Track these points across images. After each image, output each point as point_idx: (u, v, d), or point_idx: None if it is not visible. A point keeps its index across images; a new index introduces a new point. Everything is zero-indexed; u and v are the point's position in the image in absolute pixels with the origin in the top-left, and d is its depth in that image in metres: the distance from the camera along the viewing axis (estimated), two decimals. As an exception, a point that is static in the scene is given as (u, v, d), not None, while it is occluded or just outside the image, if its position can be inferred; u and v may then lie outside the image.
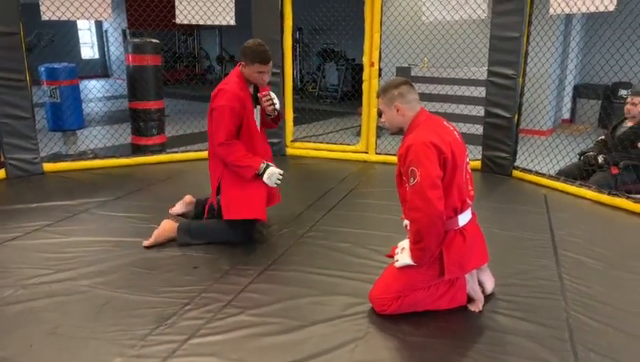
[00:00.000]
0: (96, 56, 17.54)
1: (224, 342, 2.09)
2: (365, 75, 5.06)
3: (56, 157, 4.90)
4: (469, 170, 2.27)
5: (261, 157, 3.00)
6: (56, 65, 4.91)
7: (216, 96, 2.92)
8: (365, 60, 5.01)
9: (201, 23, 4.91)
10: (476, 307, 2.30)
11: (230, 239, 3.03)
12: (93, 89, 12.00)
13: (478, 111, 5.48)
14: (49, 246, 2.99)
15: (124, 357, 1.97)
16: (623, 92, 8.35)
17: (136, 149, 5.17)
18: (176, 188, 4.19)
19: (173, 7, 4.87)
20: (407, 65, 7.20)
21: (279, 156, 5.26)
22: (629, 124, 4.15)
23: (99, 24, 17.08)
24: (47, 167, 4.51)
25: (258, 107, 3.05)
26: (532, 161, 4.81)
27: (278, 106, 3.08)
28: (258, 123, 3.09)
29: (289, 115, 5.31)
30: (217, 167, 3.02)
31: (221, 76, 15.16)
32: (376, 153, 5.17)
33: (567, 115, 9.29)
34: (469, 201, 2.19)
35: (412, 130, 2.20)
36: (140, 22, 9.18)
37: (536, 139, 7.37)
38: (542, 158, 4.84)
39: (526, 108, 7.21)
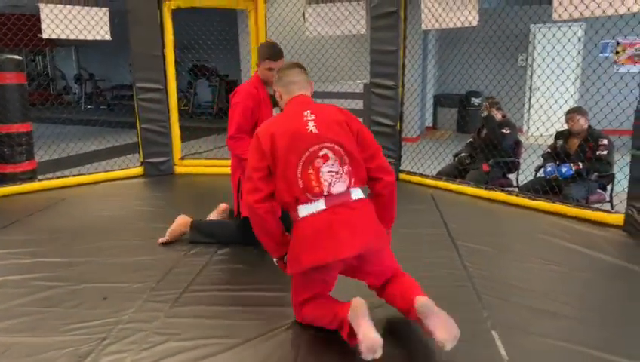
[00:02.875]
0: None
1: (158, 372, 1.94)
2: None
3: None
4: (333, 164, 1.99)
5: None
6: None
7: (233, 97, 3.07)
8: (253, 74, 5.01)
9: (72, 37, 4.54)
10: (366, 353, 1.80)
11: (240, 240, 3.10)
12: None
13: (362, 121, 5.76)
14: None
15: (44, 406, 1.74)
16: (475, 100, 9.40)
17: (2, 178, 4.58)
18: (58, 216, 3.81)
19: (14, 23, 4.53)
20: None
21: (168, 175, 5.04)
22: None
23: None
24: None
25: (277, 108, 3.00)
26: (409, 164, 5.18)
27: None
28: None
29: (176, 132, 5.11)
30: (237, 170, 3.14)
31: (81, 96, 14.08)
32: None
33: (430, 123, 10.19)
34: (309, 195, 1.97)
35: None
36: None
37: (408, 146, 7.98)
38: (416, 162, 5.24)
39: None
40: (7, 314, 2.35)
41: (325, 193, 1.97)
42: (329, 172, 1.97)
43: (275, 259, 2.21)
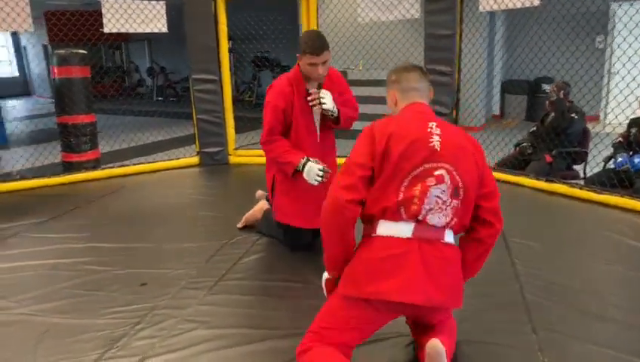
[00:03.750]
0: (16, 74, 16.52)
1: (181, 359, 1.96)
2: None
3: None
4: (444, 191, 1.65)
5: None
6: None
7: (267, 92, 2.80)
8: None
9: (131, 31, 4.71)
10: None
11: (281, 239, 3.02)
12: (12, 108, 11.26)
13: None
14: (-24, 275, 2.73)
15: (73, 386, 1.81)
16: (546, 87, 8.84)
17: (69, 167, 4.86)
18: (116, 204, 3.98)
19: (96, 20, 4.67)
20: (341, 69, 7.27)
21: (223, 165, 5.14)
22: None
23: (16, 40, 16.11)
24: (-32, 190, 4.15)
25: (318, 108, 2.73)
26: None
27: (328, 106, 2.67)
28: (317, 123, 2.82)
29: (230, 123, 5.19)
30: (272, 166, 2.93)
31: (152, 88, 14.73)
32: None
33: (496, 111, 9.73)
34: (401, 212, 1.64)
35: None
36: (61, 36, 8.73)
37: (471, 135, 7.65)
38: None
39: (462, 104, 7.48)
40: (54, 295, 2.48)
41: (420, 217, 1.63)
42: (437, 197, 1.64)
43: (325, 276, 1.87)
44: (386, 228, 1.66)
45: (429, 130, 1.69)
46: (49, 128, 6.41)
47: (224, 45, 4.98)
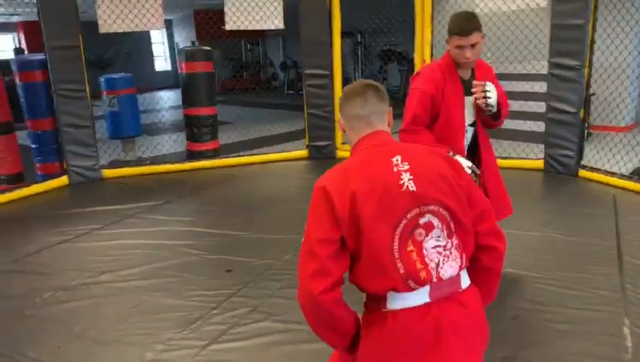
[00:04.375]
0: (169, 68, 18.37)
1: (244, 348, 2.02)
2: (418, 74, 4.84)
3: (115, 164, 5.10)
4: (439, 236, 1.31)
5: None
6: (114, 76, 5.13)
7: (413, 79, 2.50)
8: (417, 58, 4.82)
9: (250, 27, 4.95)
10: None
11: None
12: (161, 99, 12.54)
13: (540, 107, 5.11)
14: (94, 249, 3.09)
15: None
16: None
17: (191, 155, 5.28)
18: (225, 192, 4.23)
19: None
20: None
21: (330, 159, 5.19)
22: None
23: (171, 38, 17.88)
24: (107, 173, 4.70)
25: (471, 97, 2.41)
26: (607, 159, 4.36)
27: (493, 100, 2.34)
28: (469, 116, 2.47)
29: (338, 116, 5.21)
30: None
31: (285, 82, 15.40)
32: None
33: (651, 109, 8.51)
34: (411, 284, 1.28)
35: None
36: (206, 33, 9.55)
37: (613, 136, 6.79)
38: (617, 156, 4.40)
39: (601, 102, 6.68)
40: (149, 274, 2.71)
41: (435, 279, 1.31)
42: (435, 247, 1.32)
43: None
44: (397, 302, 1.30)
45: (395, 168, 1.32)
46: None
47: (337, 40, 5.01)
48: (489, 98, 2.33)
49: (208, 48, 5.24)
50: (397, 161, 1.33)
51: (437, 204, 1.31)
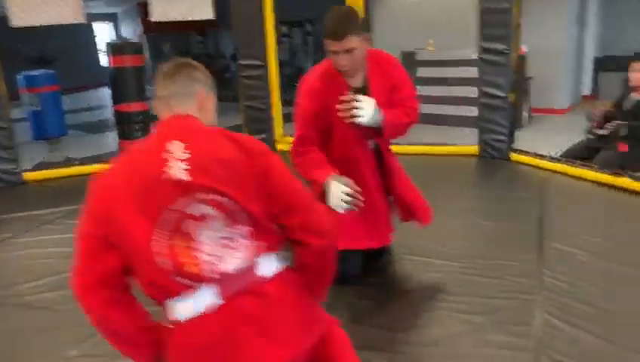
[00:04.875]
0: (114, 62, 17.78)
1: None
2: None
3: (41, 166, 4.83)
4: (220, 228, 1.19)
5: (359, 173, 2.12)
6: (34, 73, 4.84)
7: (298, 91, 2.17)
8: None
9: (178, 18, 4.74)
10: None
11: None
12: (105, 96, 12.10)
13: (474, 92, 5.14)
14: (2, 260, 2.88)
15: None
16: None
17: (123, 154, 5.06)
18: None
19: None
20: (408, 50, 6.84)
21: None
22: (637, 95, 3.76)
23: (116, 31, 17.27)
24: (28, 176, 4.44)
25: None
26: (544, 142, 4.41)
27: (364, 119, 1.98)
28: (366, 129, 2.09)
29: (278, 108, 5.10)
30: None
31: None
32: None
33: (587, 91, 8.75)
34: (183, 281, 1.17)
35: None
36: (154, 27, 9.20)
37: (551, 118, 6.92)
38: (556, 138, 4.45)
39: (539, 85, 6.79)
40: (58, 285, 2.54)
41: (214, 275, 1.18)
42: (214, 239, 1.19)
43: None
44: (181, 310, 1.19)
45: (165, 156, 1.18)
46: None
47: (270, 29, 4.87)
48: (360, 117, 1.98)
49: (136, 41, 5.01)
50: (174, 147, 1.19)
51: (212, 192, 1.18)
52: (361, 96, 1.99)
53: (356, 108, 1.97)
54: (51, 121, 4.91)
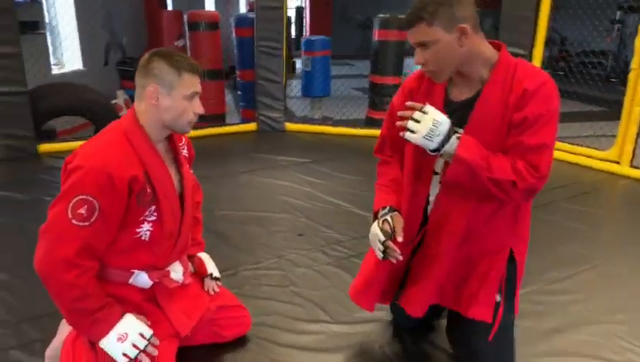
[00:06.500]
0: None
1: (253, 306, 2.13)
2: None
3: (304, 120, 5.55)
4: None
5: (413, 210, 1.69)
6: (313, 38, 5.49)
7: None
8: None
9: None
10: None
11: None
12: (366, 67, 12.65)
13: None
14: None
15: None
16: None
17: (370, 122, 5.38)
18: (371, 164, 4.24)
19: None
20: None
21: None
22: None
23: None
24: (288, 126, 5.18)
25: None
26: None
27: (414, 136, 1.42)
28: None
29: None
30: None
31: (546, 59, 13.80)
32: (632, 166, 3.97)
33: None
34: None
35: None
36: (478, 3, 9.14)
37: None
38: None
39: None
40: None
41: None
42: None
43: None
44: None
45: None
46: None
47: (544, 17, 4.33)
48: (412, 131, 1.42)
49: (402, 16, 5.14)
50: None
51: None
52: (429, 107, 1.44)
53: (414, 117, 1.42)
54: (318, 81, 5.54)
